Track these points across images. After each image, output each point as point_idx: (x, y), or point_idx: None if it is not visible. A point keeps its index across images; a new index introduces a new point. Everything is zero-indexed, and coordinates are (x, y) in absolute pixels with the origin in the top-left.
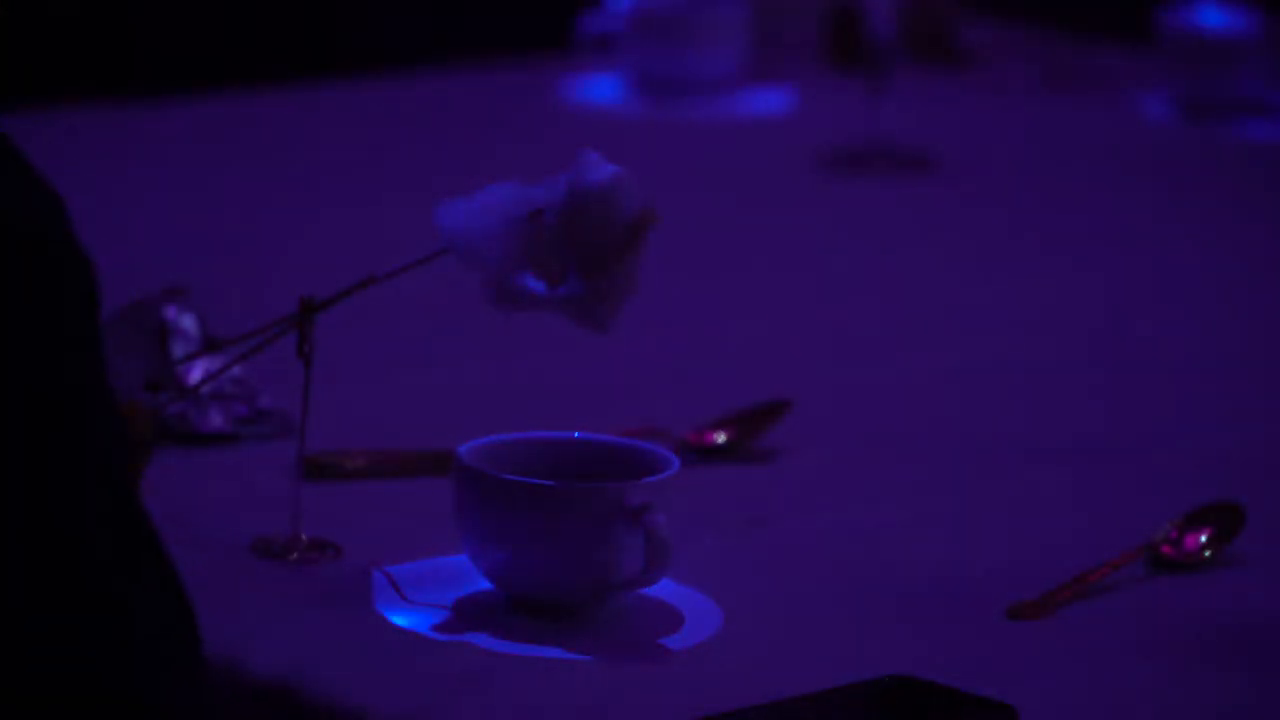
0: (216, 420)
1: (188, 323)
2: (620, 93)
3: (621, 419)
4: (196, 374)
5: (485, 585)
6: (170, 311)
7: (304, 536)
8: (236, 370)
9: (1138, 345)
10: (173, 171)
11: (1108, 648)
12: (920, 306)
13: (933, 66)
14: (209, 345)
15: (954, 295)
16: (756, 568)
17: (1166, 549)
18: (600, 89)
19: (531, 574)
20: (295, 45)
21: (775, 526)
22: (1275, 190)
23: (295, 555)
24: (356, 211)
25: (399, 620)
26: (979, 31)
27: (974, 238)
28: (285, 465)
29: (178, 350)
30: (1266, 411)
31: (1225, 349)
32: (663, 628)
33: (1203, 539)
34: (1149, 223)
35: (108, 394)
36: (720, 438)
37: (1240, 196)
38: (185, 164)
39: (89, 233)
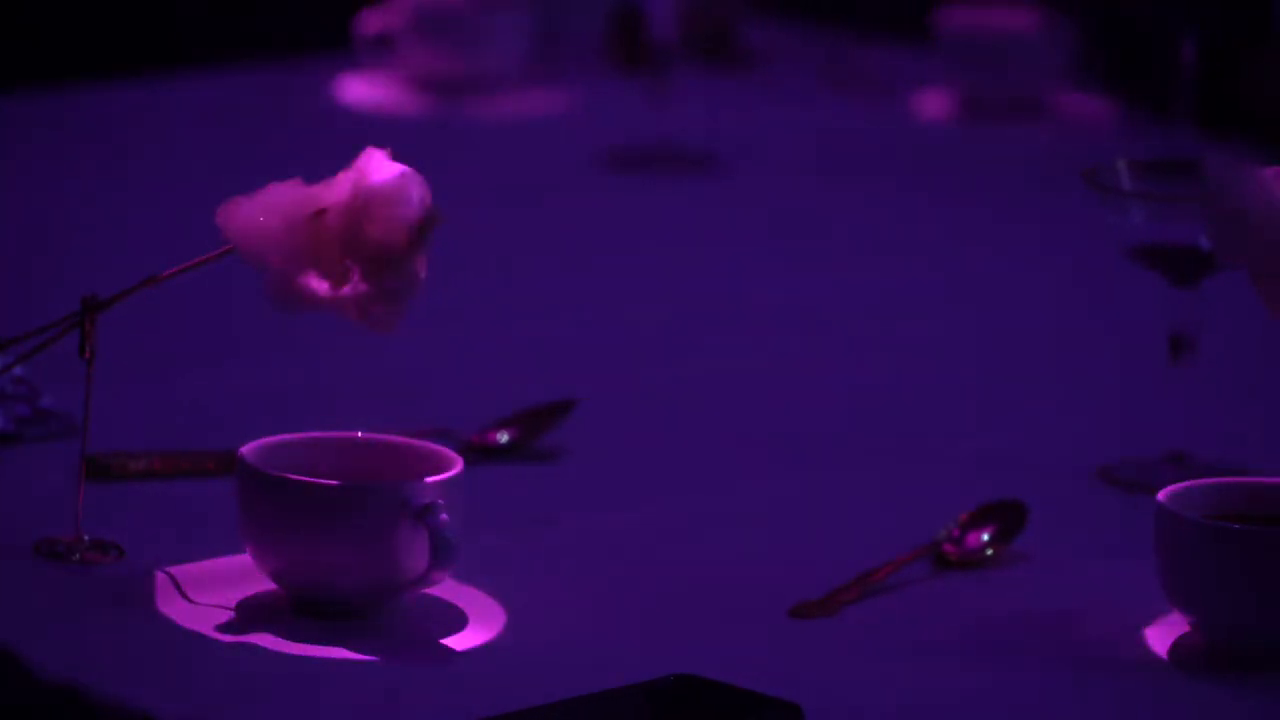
0: None
1: None
2: (402, 92)
3: (405, 419)
4: None
5: (269, 586)
6: None
7: (86, 537)
8: (18, 370)
9: (919, 345)
10: None
11: (891, 646)
12: (704, 306)
13: (715, 67)
14: None
15: (737, 294)
16: (540, 567)
17: (949, 548)
18: (380, 88)
19: (315, 574)
20: (80, 44)
21: (559, 526)
22: (1051, 189)
23: (77, 556)
24: (140, 210)
25: (182, 621)
26: (761, 32)
27: (757, 237)
28: (67, 466)
29: None
30: (1047, 411)
31: (1005, 349)
32: (446, 628)
33: (984, 537)
34: (928, 221)
35: None
36: (504, 437)
37: (1017, 195)
38: None
39: None
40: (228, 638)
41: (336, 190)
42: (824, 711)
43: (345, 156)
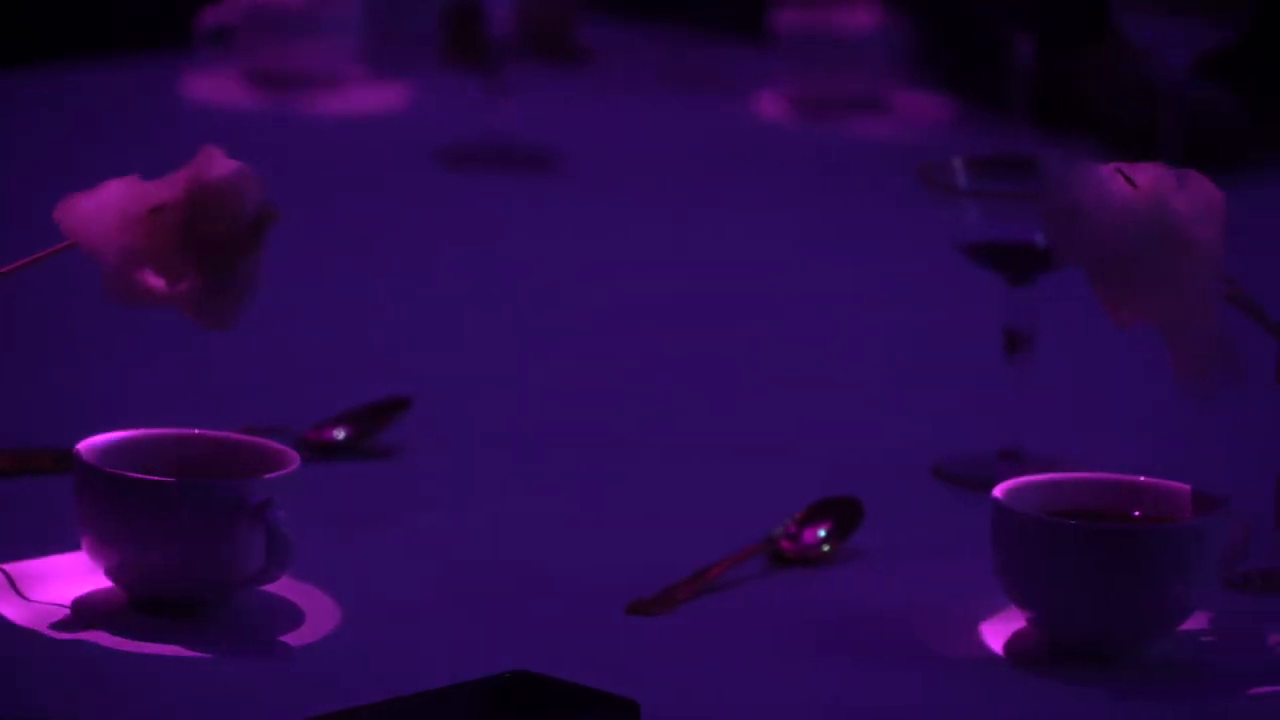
0: None
1: None
2: (239, 88)
3: (241, 416)
4: None
5: (106, 584)
6: None
7: None
8: None
9: (757, 343)
10: None
11: (728, 642)
12: (539, 304)
13: (551, 64)
14: None
15: (574, 293)
16: (376, 564)
17: (785, 544)
18: (219, 84)
19: (152, 572)
20: None
21: (395, 523)
22: (889, 187)
23: None
24: None
25: (17, 620)
26: (597, 30)
27: (593, 235)
28: None
29: None
30: (883, 408)
31: (842, 346)
32: (283, 625)
33: (821, 534)
34: (767, 220)
35: None
36: (340, 434)
37: (855, 194)
38: None
39: None
40: (64, 635)
41: (173, 187)
42: (660, 708)
43: (186, 152)
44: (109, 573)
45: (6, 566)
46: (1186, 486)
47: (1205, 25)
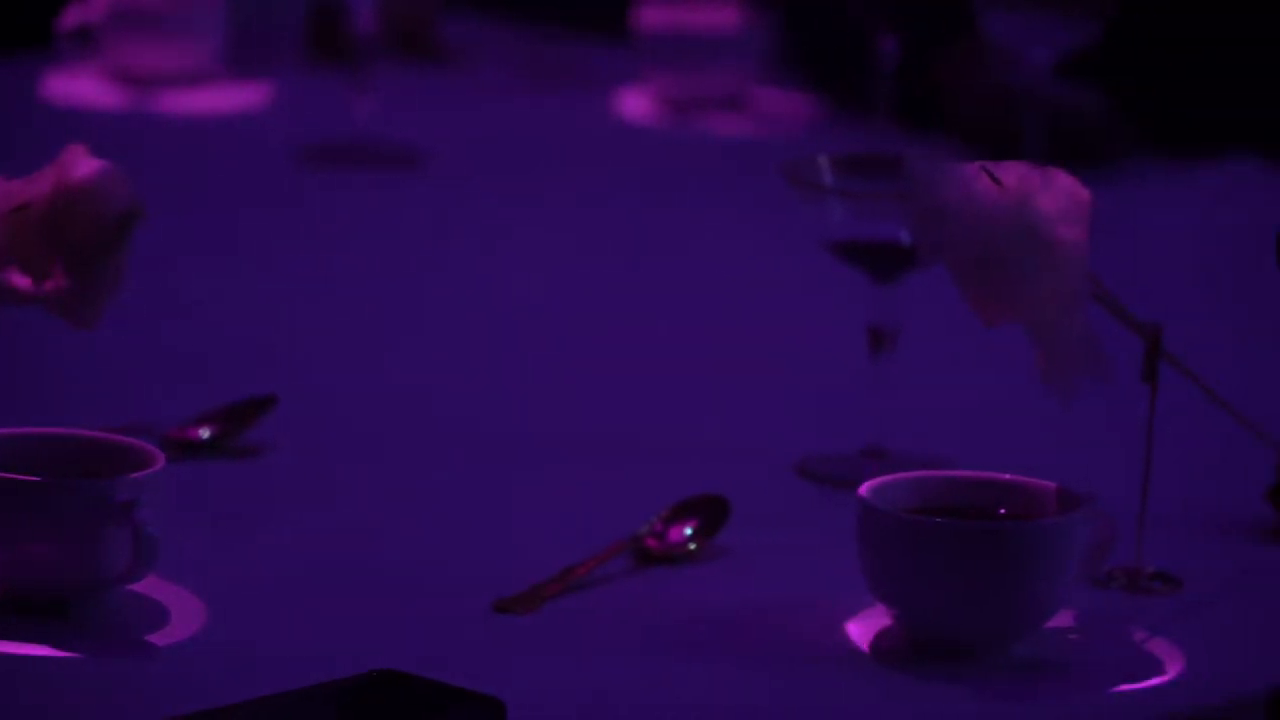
0: None
1: None
2: (101, 87)
3: (105, 415)
4: None
5: None
6: None
7: None
8: None
9: (623, 341)
10: None
11: (594, 640)
12: (405, 303)
13: (415, 62)
14: None
15: (440, 292)
16: (242, 563)
17: (651, 542)
18: (81, 83)
19: (15, 571)
20: None
21: (261, 522)
22: (753, 186)
23: None
24: None
25: None
26: (461, 27)
27: (458, 233)
28: None
29: None
30: (748, 406)
31: (708, 344)
32: (149, 624)
33: (687, 532)
34: (632, 218)
35: None
36: (205, 433)
37: (719, 192)
38: None
39: None
40: None
41: (38, 186)
42: (526, 706)
43: (49, 152)
44: None
45: None
46: (1052, 484)
47: (1067, 23)
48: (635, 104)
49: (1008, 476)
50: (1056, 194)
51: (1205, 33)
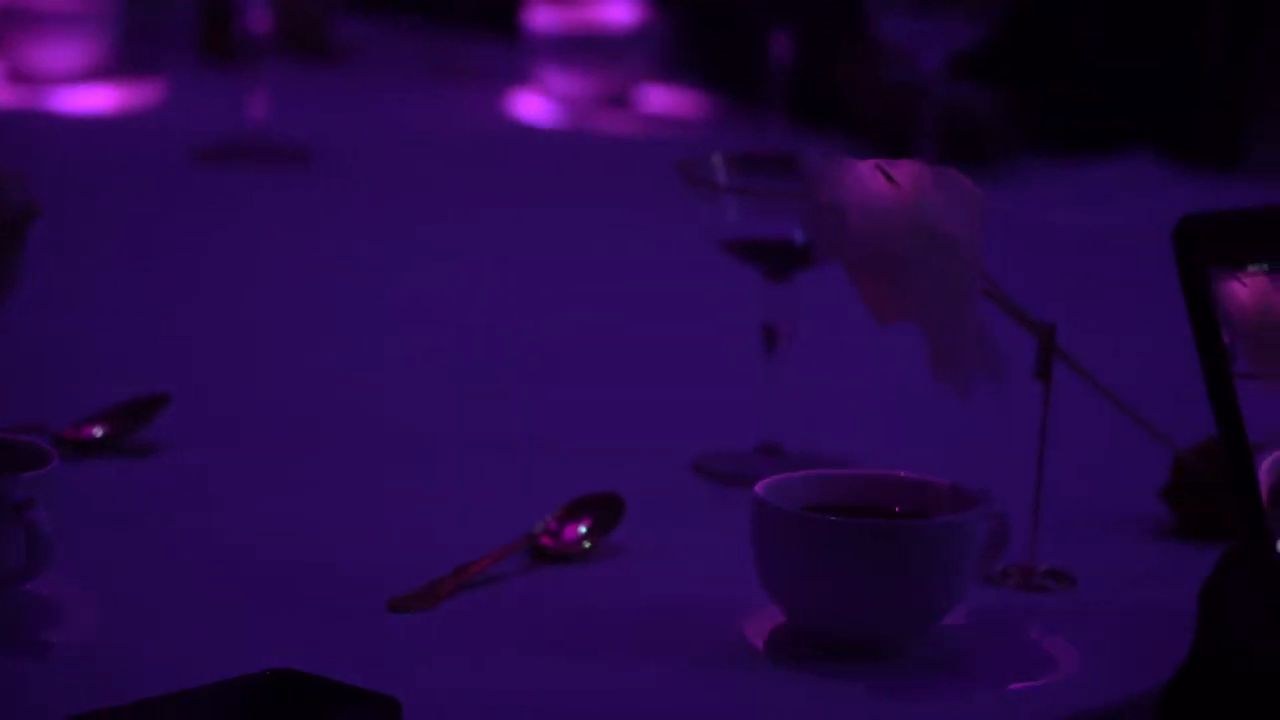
0: None
1: None
2: None
3: None
4: None
5: None
6: None
7: None
8: None
9: (517, 338)
10: None
11: (489, 638)
12: (300, 300)
13: (307, 60)
14: None
15: (333, 288)
16: (137, 562)
17: (546, 540)
18: None
19: None
20: None
21: (155, 521)
22: (647, 184)
23: None
24: None
25: None
26: (352, 26)
27: (352, 231)
28: None
29: None
30: (643, 404)
31: (603, 342)
32: (43, 623)
33: (582, 530)
34: (526, 216)
35: None
36: (98, 432)
37: (613, 190)
38: None
39: None
40: None
41: None
42: (422, 704)
43: None
44: None
45: None
46: (946, 482)
47: (959, 24)
48: (528, 102)
49: (903, 474)
50: (950, 192)
51: (1096, 33)
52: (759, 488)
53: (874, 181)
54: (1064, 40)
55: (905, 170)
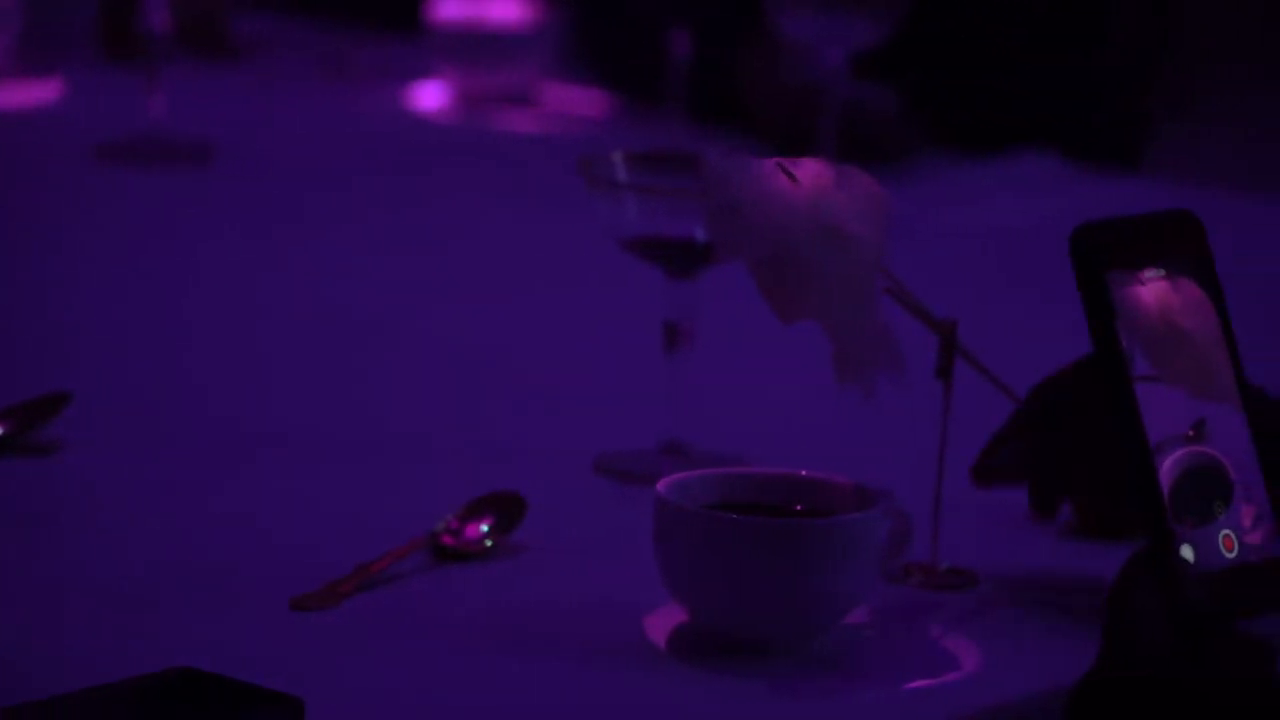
0: None
1: None
2: None
3: None
4: None
5: None
6: None
7: None
8: None
9: (419, 338)
10: None
11: (391, 637)
12: (201, 298)
13: (207, 58)
14: None
15: (235, 286)
16: (38, 561)
17: (448, 539)
18: None
19: None
20: None
21: (55, 520)
22: (548, 181)
23: None
24: None
25: None
26: (254, 23)
27: (254, 229)
28: None
29: None
30: (545, 402)
31: (505, 340)
32: None
33: (484, 528)
34: (427, 213)
35: None
36: None
37: (514, 187)
38: None
39: None
40: None
41: None
42: (325, 703)
43: None
44: None
45: None
46: (848, 480)
47: (861, 22)
48: (428, 99)
49: (805, 473)
50: (853, 191)
51: (997, 32)
52: (660, 486)
53: (775, 180)
54: (966, 39)
55: (807, 169)
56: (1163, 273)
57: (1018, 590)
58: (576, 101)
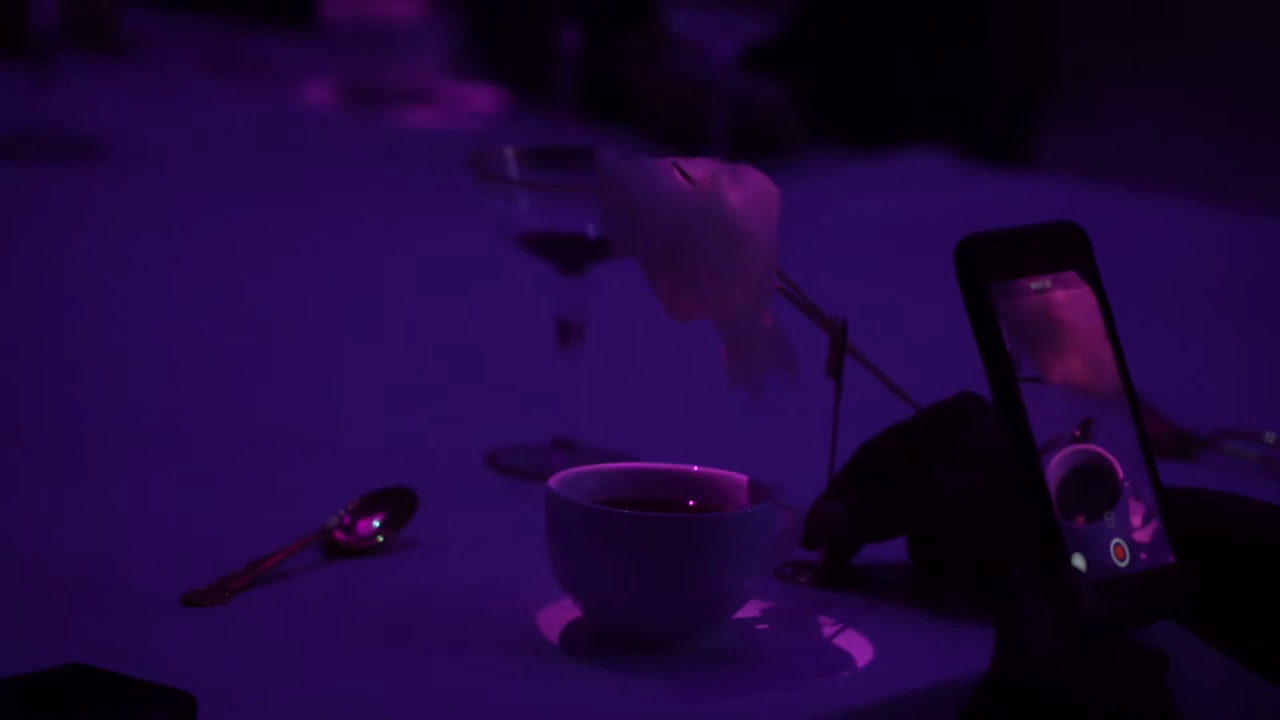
0: None
1: None
2: None
3: None
4: None
5: None
6: None
7: None
8: None
9: (310, 333)
10: None
11: (284, 632)
12: (92, 293)
13: (97, 53)
14: None
15: (125, 282)
16: None
17: (339, 534)
18: None
19: None
20: None
21: None
22: (439, 177)
23: None
24: None
25: None
26: (143, 18)
27: (143, 225)
28: None
29: None
30: (436, 397)
31: (396, 336)
32: None
33: (375, 524)
34: (320, 210)
35: None
36: None
37: (405, 183)
38: None
39: None
40: None
41: None
42: (218, 699)
43: None
44: None
45: None
46: (741, 477)
47: (750, 17)
48: (320, 95)
49: (696, 469)
50: (746, 189)
51: (887, 28)
52: (552, 481)
53: (669, 179)
54: (856, 34)
55: (700, 167)
56: (1047, 283)
57: (908, 585)
58: (468, 98)
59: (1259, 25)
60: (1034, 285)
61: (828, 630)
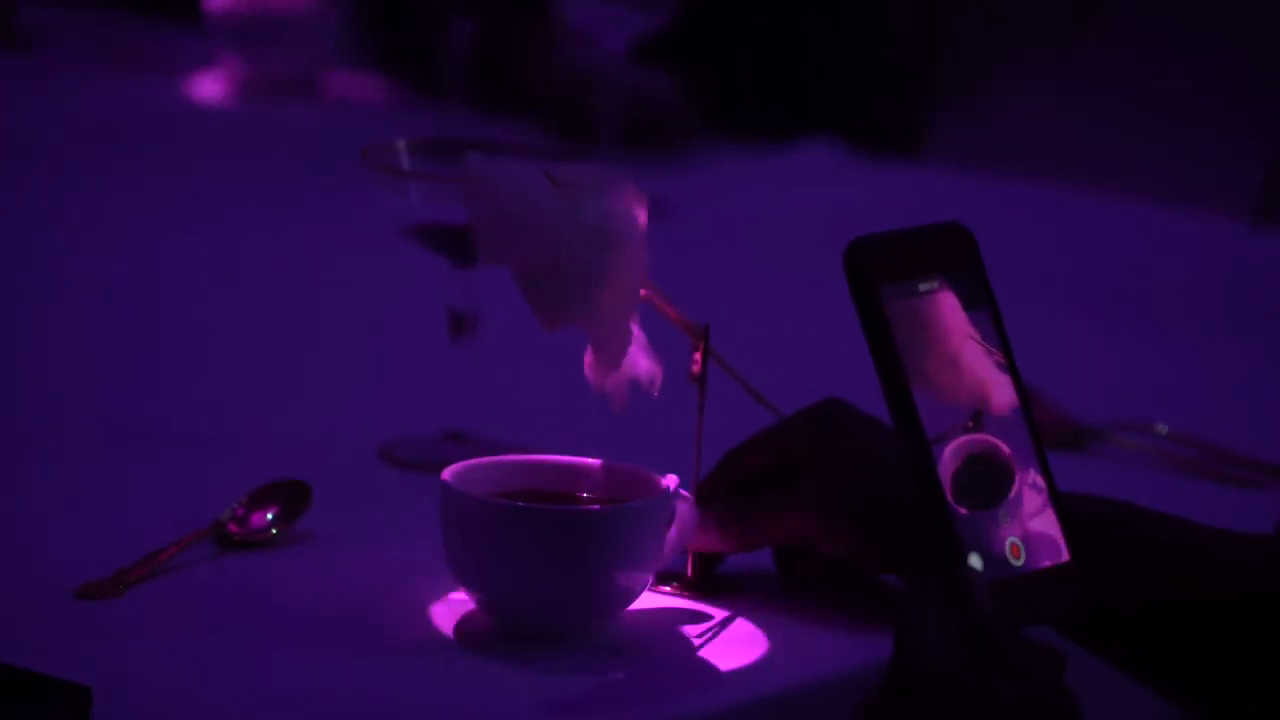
0: None
1: None
2: None
3: None
4: None
5: None
6: None
7: None
8: None
9: (203, 327)
10: None
11: (178, 625)
12: None
13: None
14: None
15: (17, 277)
16: None
17: (233, 527)
18: None
19: None
20: None
21: None
22: (329, 169)
23: None
24: None
25: None
26: (35, 12)
27: (32, 219)
28: None
29: None
30: (328, 390)
31: (287, 329)
32: None
33: (269, 517)
34: (209, 203)
35: None
36: None
37: (295, 175)
38: None
39: None
40: None
41: None
42: (113, 692)
43: None
44: None
45: None
46: (634, 469)
47: (640, 9)
48: (208, 87)
49: (590, 461)
50: (615, 194)
51: (778, 20)
52: (446, 474)
53: (538, 186)
54: (747, 27)
55: (569, 172)
56: (935, 283)
57: (778, 593)
58: (360, 89)
59: (1151, 15)
60: (922, 286)
61: (721, 621)
